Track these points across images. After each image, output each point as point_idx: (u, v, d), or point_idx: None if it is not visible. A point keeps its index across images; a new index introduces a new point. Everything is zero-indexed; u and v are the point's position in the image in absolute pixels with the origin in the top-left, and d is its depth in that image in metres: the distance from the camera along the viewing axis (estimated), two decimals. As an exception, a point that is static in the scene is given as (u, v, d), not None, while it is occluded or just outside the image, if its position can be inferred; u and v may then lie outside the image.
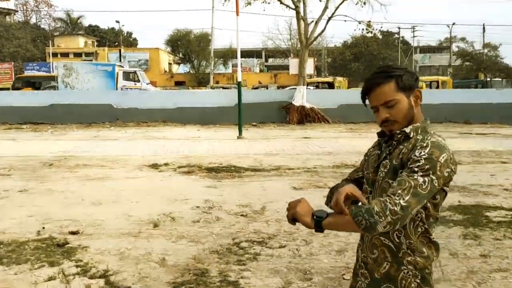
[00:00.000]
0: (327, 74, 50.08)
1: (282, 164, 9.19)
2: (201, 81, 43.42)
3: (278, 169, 8.71)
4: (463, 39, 54.76)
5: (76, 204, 6.16)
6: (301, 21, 20.47)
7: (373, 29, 23.14)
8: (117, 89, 25.75)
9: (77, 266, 3.95)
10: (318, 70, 52.92)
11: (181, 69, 55.55)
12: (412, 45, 58.79)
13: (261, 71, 56.88)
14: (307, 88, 20.41)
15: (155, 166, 9.05)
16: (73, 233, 4.86)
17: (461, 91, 24.83)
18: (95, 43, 59.95)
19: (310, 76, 31.85)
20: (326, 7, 20.33)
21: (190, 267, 3.95)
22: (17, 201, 6.37)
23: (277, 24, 62.89)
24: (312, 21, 20.92)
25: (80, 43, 56.40)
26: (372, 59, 53.61)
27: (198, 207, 5.95)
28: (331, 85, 27.10)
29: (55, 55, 49.16)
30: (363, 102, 1.75)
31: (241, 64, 16.23)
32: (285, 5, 20.75)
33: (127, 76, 27.27)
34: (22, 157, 10.26)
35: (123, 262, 4.06)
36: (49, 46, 49.62)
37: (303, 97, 19.25)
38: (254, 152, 11.06)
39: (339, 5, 20.23)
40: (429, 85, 26.97)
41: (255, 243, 4.55)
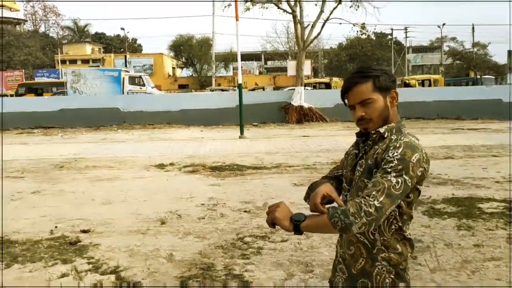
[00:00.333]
0: (324, 75, 50.04)
1: (283, 162, 9.18)
2: (203, 84, 43.44)
3: (278, 166, 8.71)
4: (453, 38, 54.68)
5: (86, 204, 6.17)
6: (298, 24, 20.45)
7: (367, 31, 23.13)
8: (123, 93, 25.76)
9: (89, 263, 3.96)
10: (315, 71, 52.91)
11: (184, 73, 55.62)
12: (404, 45, 58.71)
13: (260, 73, 56.86)
14: (305, 89, 20.40)
15: (161, 166, 9.05)
16: (84, 231, 4.87)
17: (453, 88, 24.77)
18: (102, 49, 60.01)
19: (308, 77, 31.86)
20: (321, 11, 20.32)
21: (197, 261, 3.95)
22: (30, 202, 6.38)
23: (275, 28, 62.88)
24: (309, 24, 20.91)
25: (87, 50, 56.47)
26: (366, 59, 53.57)
27: (203, 204, 5.96)
28: (328, 86, 27.13)
29: (63, 62, 49.28)
30: (342, 100, 1.72)
31: (241, 67, 16.22)
32: (283, 9, 20.75)
33: (132, 80, 27.29)
34: (34, 160, 10.27)
35: (132, 258, 4.07)
36: (57, 54, 49.74)
37: (301, 97, 19.24)
38: (256, 151, 11.05)
39: (334, 8, 20.21)
40: (422, 83, 26.97)
41: (258, 237, 4.55)
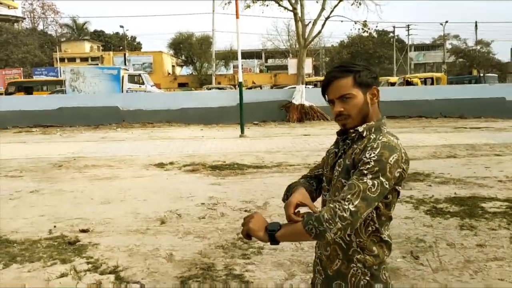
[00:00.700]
0: (325, 73, 49.94)
1: (283, 161, 9.19)
2: (203, 82, 43.43)
3: (279, 165, 8.71)
4: (456, 36, 54.58)
5: (85, 203, 6.17)
6: (299, 22, 20.44)
7: (369, 28, 23.12)
8: (122, 91, 25.78)
9: (88, 263, 3.96)
10: (316, 70, 52.86)
11: (184, 71, 55.61)
12: (407, 43, 58.64)
13: (261, 71, 56.87)
14: (306, 87, 20.39)
15: (160, 165, 9.06)
16: (83, 231, 4.88)
17: (455, 87, 24.75)
18: (101, 47, 60.04)
19: (309, 75, 31.82)
20: (323, 8, 20.30)
21: (197, 261, 3.96)
22: (29, 201, 6.39)
23: (276, 26, 62.91)
24: (310, 22, 20.89)
25: (86, 48, 56.50)
26: (368, 57, 53.51)
27: (203, 203, 5.96)
28: (329, 84, 27.07)
29: (62, 60, 49.27)
30: (322, 95, 1.70)
31: (241, 65, 16.21)
32: (283, 7, 20.74)
33: (132, 79, 27.31)
34: (33, 159, 10.28)
35: (132, 258, 4.07)
36: (56, 52, 49.74)
37: (302, 96, 19.23)
38: (256, 149, 11.06)
39: (335, 6, 20.20)
40: (424, 81, 26.95)
41: (258, 237, 4.55)
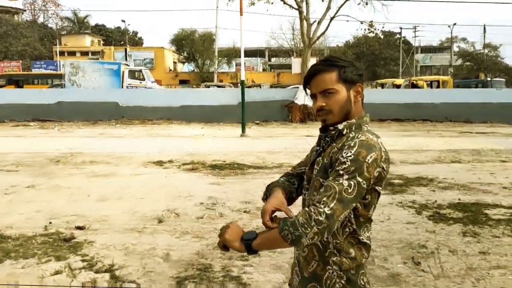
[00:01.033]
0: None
1: (285, 162, 9.18)
2: (205, 79, 43.41)
3: (280, 166, 8.71)
4: (464, 39, 54.69)
5: (82, 200, 6.18)
6: (304, 21, 20.45)
7: (375, 29, 23.13)
8: (122, 87, 25.80)
9: (83, 261, 3.97)
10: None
11: (186, 68, 55.60)
12: (413, 45, 58.59)
13: (264, 70, 56.84)
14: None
15: (159, 163, 9.06)
16: (79, 228, 4.88)
17: (462, 90, 24.73)
18: (101, 42, 60.08)
19: (313, 75, 31.68)
20: (328, 7, 20.32)
21: (194, 262, 3.96)
22: (25, 196, 6.40)
23: (280, 24, 62.90)
24: (315, 21, 20.90)
25: (86, 42, 56.53)
26: (374, 59, 53.52)
27: (202, 203, 5.97)
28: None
29: (62, 53, 49.31)
30: (304, 89, 1.68)
31: (244, 63, 16.22)
32: (288, 5, 20.75)
33: (132, 74, 27.33)
34: (30, 153, 10.30)
35: (128, 257, 4.08)
36: (56, 45, 49.78)
37: (305, 96, 19.20)
38: (257, 150, 11.06)
39: (342, 5, 20.23)
40: (430, 84, 26.90)
41: (257, 239, 4.54)
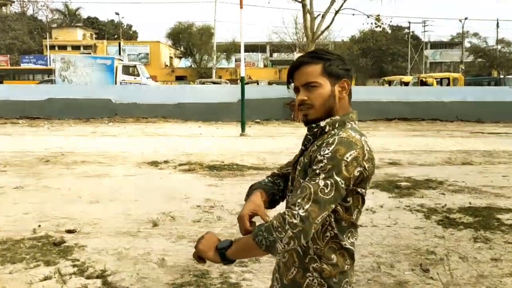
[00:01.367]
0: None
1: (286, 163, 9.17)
2: (203, 75, 43.46)
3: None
4: (476, 34, 54.55)
5: (73, 202, 6.18)
6: (308, 14, 20.47)
7: (382, 23, 23.16)
8: (116, 83, 25.84)
9: (73, 266, 3.97)
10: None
11: (183, 63, 55.65)
12: (422, 40, 58.59)
13: (265, 66, 56.86)
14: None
15: (154, 164, 9.07)
16: (70, 231, 4.88)
17: (474, 88, 24.72)
18: (94, 35, 60.12)
19: (316, 72, 31.71)
20: (333, 0, 20.32)
21: (190, 268, 3.96)
22: (13, 198, 6.40)
23: (282, 18, 62.81)
24: (319, 14, 20.93)
25: (78, 35, 56.57)
26: (380, 54, 53.52)
27: (198, 206, 5.97)
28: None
29: (52, 47, 49.37)
30: (287, 82, 1.66)
31: (244, 59, 16.23)
32: (291, -3, 20.76)
33: (126, 70, 27.36)
34: (18, 152, 10.31)
35: (121, 262, 4.08)
36: (46, 39, 49.82)
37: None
38: (257, 149, 11.07)
39: (347, -2, 20.20)
40: (440, 82, 26.92)
41: (257, 244, 4.55)
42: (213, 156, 9.94)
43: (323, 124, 1.58)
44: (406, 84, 28.09)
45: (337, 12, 20.66)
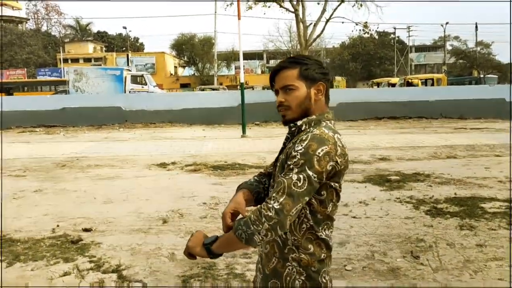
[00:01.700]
0: (326, 74, 49.86)
1: (285, 161, 9.17)
2: (205, 83, 43.46)
3: (280, 166, 8.70)
4: (456, 37, 54.59)
5: (88, 203, 6.18)
6: (300, 23, 20.47)
7: (370, 30, 23.16)
8: (125, 92, 25.83)
9: (90, 262, 3.97)
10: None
11: (186, 71, 55.66)
12: (407, 44, 58.61)
13: (263, 72, 56.85)
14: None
15: (163, 165, 9.06)
16: (86, 230, 4.88)
17: (456, 88, 24.71)
18: (104, 48, 60.14)
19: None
20: (324, 10, 20.34)
21: (198, 260, 3.95)
22: (32, 200, 6.40)
23: (277, 27, 62.95)
24: (311, 23, 20.93)
25: (89, 48, 56.60)
26: (369, 58, 53.53)
27: (205, 203, 5.97)
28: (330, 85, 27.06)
29: (65, 60, 49.42)
30: (270, 84, 1.67)
31: (243, 66, 16.23)
32: (285, 8, 20.78)
33: (134, 79, 27.36)
34: (36, 158, 10.30)
35: (134, 257, 4.08)
36: (60, 52, 49.85)
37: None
38: (258, 150, 11.05)
39: (337, 7, 20.26)
40: (425, 82, 26.92)
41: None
42: (216, 157, 9.93)
43: (299, 123, 1.59)
44: (393, 85, 28.10)
45: (328, 21, 20.66)
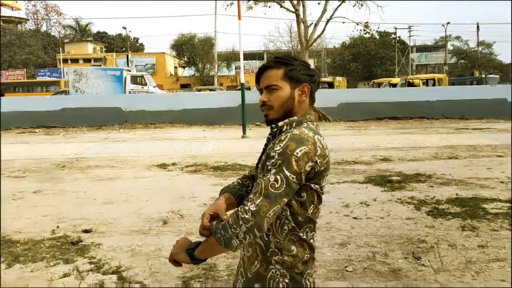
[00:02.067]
0: (326, 74, 49.98)
1: (285, 162, 9.16)
2: (205, 83, 43.48)
3: (281, 166, 8.69)
4: (458, 37, 54.60)
5: (88, 204, 6.18)
6: (301, 23, 20.48)
7: (371, 30, 23.16)
8: (125, 92, 25.84)
9: (90, 263, 3.97)
10: (318, 71, 52.76)
11: (186, 72, 55.67)
12: (408, 44, 58.58)
13: (263, 72, 56.75)
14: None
15: (163, 166, 9.06)
16: (86, 231, 4.88)
17: (457, 88, 24.70)
18: (104, 49, 60.15)
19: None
20: (324, 10, 20.35)
21: (199, 262, 3.95)
22: (32, 201, 6.40)
23: (278, 27, 63.04)
24: (312, 23, 20.94)
25: (89, 49, 56.60)
26: (370, 59, 53.48)
27: (205, 204, 5.96)
28: (331, 85, 27.06)
29: (65, 61, 49.41)
30: (256, 83, 1.66)
31: (243, 66, 16.23)
32: (285, 8, 20.80)
33: (134, 80, 27.38)
34: (36, 159, 10.30)
35: (134, 258, 4.08)
36: (59, 53, 49.86)
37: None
38: (258, 150, 10.97)
39: (337, 7, 20.28)
40: (426, 82, 26.92)
41: (260, 238, 4.54)
42: (217, 158, 9.93)
43: (281, 124, 1.58)
44: (394, 85, 28.09)
45: (328, 21, 20.69)
